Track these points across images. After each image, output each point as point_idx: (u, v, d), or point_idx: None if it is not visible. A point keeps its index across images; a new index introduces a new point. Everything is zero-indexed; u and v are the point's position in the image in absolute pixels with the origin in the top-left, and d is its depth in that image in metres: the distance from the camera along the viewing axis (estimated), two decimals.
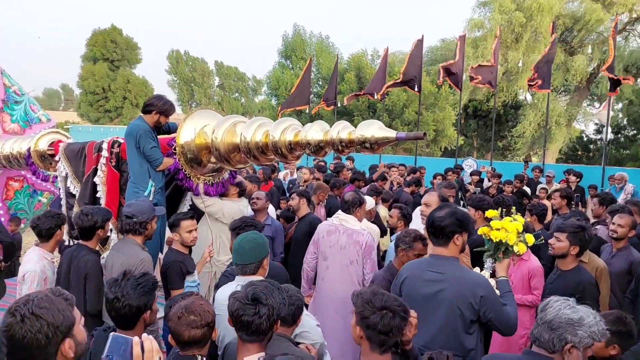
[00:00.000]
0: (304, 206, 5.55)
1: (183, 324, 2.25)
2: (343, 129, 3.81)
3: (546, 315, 2.23)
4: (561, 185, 10.63)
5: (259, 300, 2.20)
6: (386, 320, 2.22)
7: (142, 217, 3.70)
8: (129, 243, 3.71)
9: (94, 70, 39.15)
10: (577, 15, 23.75)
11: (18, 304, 1.71)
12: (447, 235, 2.93)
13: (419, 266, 3.08)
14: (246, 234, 3.07)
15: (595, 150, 27.92)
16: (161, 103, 4.50)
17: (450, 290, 2.85)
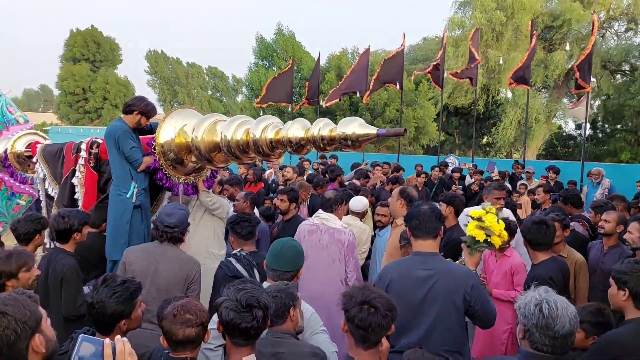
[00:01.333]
0: (292, 208, 5.56)
1: (178, 322, 2.24)
2: (324, 126, 3.80)
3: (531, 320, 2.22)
4: (541, 181, 10.79)
5: (253, 305, 2.17)
6: (364, 314, 2.22)
7: (182, 226, 3.66)
8: (170, 247, 3.63)
9: (73, 71, 38.62)
10: (557, 13, 24.08)
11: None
12: (435, 228, 3.04)
13: (405, 265, 3.10)
14: (287, 240, 3.13)
15: (575, 146, 28.34)
16: (143, 104, 4.46)
17: (442, 284, 2.89)
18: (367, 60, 15.33)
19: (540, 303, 2.19)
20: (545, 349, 2.18)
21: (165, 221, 3.64)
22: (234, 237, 3.97)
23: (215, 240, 4.93)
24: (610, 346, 2.62)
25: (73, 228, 3.72)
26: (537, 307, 2.19)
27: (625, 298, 2.63)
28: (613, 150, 24.66)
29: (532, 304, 2.21)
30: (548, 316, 2.15)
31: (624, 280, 2.64)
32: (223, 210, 4.94)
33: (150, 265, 3.52)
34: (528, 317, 2.20)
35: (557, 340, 2.16)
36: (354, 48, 30.80)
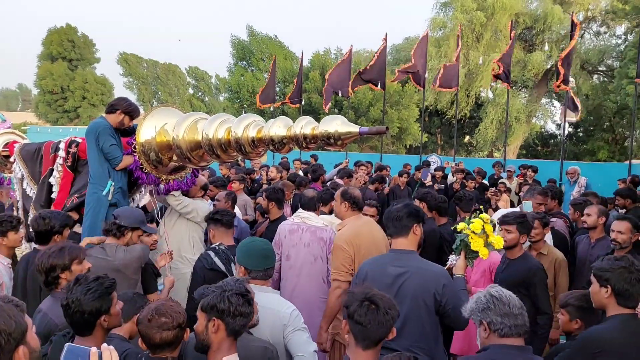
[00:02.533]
0: (274, 209, 5.42)
1: (154, 326, 2.22)
2: (306, 124, 3.79)
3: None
4: (518, 180, 10.93)
5: (248, 291, 2.30)
6: (363, 310, 2.22)
7: (126, 221, 3.64)
8: (113, 247, 3.63)
9: (51, 70, 37.99)
10: (536, 14, 24.41)
11: None
12: (406, 225, 3.06)
13: (380, 262, 3.13)
14: (253, 239, 3.15)
15: (554, 145, 28.75)
16: (126, 104, 4.44)
17: (413, 281, 2.91)
18: (349, 61, 15.38)
19: (488, 292, 2.36)
20: (510, 331, 2.29)
21: (114, 212, 3.78)
22: (214, 227, 3.95)
23: (189, 244, 4.83)
24: (592, 342, 2.63)
25: (54, 230, 3.65)
26: (486, 296, 2.34)
27: (607, 295, 2.66)
28: (591, 149, 25.09)
29: (481, 295, 2.36)
30: (499, 297, 2.31)
31: (605, 277, 2.66)
32: (197, 214, 4.80)
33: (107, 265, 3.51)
34: (484, 309, 2.33)
35: (517, 318, 2.30)
36: (337, 48, 30.88)
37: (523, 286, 3.72)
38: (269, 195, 5.36)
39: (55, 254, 2.94)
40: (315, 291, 4.20)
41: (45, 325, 2.75)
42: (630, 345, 2.55)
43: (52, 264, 2.91)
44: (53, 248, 3.01)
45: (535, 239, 4.31)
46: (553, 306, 4.21)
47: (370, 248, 3.83)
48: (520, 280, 3.75)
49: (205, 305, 2.24)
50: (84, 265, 3.03)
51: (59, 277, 2.94)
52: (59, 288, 2.94)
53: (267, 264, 2.94)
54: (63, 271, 2.94)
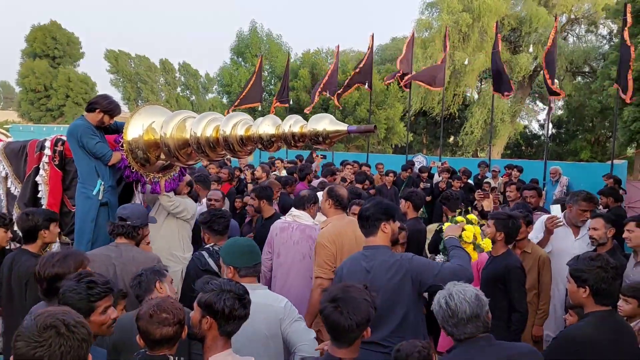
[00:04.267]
0: (266, 206, 5.43)
1: (155, 322, 2.23)
2: (295, 123, 3.81)
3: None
4: (504, 179, 11.06)
5: (247, 294, 2.35)
6: (328, 311, 2.25)
7: (136, 221, 3.60)
8: (129, 248, 3.57)
9: (34, 67, 37.45)
10: (521, 16, 24.68)
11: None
12: (373, 223, 3.13)
13: (355, 259, 3.21)
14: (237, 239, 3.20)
15: (538, 146, 29.10)
16: (106, 102, 4.36)
17: (379, 274, 2.99)
18: (337, 61, 15.43)
19: (444, 300, 2.33)
20: (466, 336, 2.31)
21: (119, 213, 3.66)
22: (209, 234, 3.96)
23: (179, 242, 4.84)
24: (570, 340, 2.68)
25: (38, 225, 3.61)
26: (441, 307, 2.33)
27: (585, 295, 2.70)
28: (574, 149, 25.43)
29: (442, 302, 2.34)
30: (449, 307, 2.30)
31: (583, 278, 2.69)
32: (187, 212, 4.83)
33: (108, 269, 3.44)
34: (441, 320, 2.34)
35: (468, 324, 2.29)
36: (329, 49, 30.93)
37: (502, 282, 3.83)
38: (259, 194, 5.38)
39: (60, 263, 2.78)
40: (304, 288, 4.22)
41: None
42: (607, 341, 2.60)
43: (57, 272, 2.73)
44: (56, 256, 2.84)
45: (519, 237, 4.37)
46: (537, 303, 4.29)
47: (353, 247, 3.86)
48: (499, 276, 3.85)
49: (201, 302, 2.28)
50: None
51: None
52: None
53: (254, 259, 2.98)
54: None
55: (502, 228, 3.93)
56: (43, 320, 1.52)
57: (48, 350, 1.47)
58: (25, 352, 1.47)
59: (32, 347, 1.47)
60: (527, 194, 6.02)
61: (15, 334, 1.53)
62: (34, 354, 1.47)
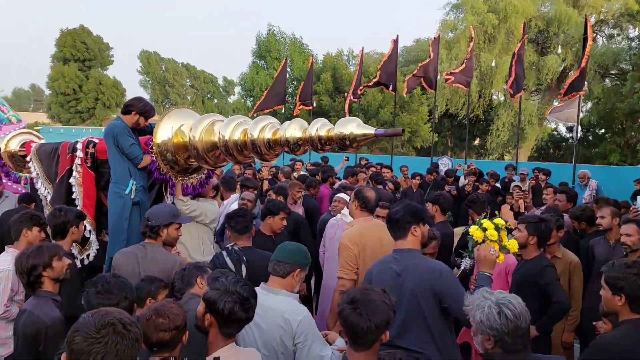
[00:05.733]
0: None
1: (151, 326, 2.25)
2: (322, 126, 3.81)
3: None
4: (530, 182, 10.89)
5: (252, 297, 2.38)
6: (347, 312, 2.22)
7: (155, 221, 3.65)
8: (155, 248, 3.64)
9: (63, 71, 38.32)
10: (549, 17, 24.26)
11: None
12: (403, 227, 3.09)
13: (384, 262, 3.18)
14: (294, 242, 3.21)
15: (566, 148, 28.56)
16: (141, 104, 4.47)
17: (410, 278, 2.94)
18: (361, 63, 15.43)
19: (500, 309, 2.20)
20: (518, 347, 2.21)
21: (145, 214, 3.75)
22: (229, 230, 4.03)
23: (199, 246, 4.87)
24: (604, 348, 2.63)
25: (69, 222, 3.74)
26: (501, 315, 2.18)
27: (621, 303, 2.64)
28: (603, 152, 24.88)
29: (494, 313, 2.19)
30: (514, 319, 2.17)
31: (619, 286, 2.63)
32: (206, 216, 4.84)
33: (134, 267, 3.53)
34: (497, 328, 2.18)
35: (526, 333, 2.23)
36: (350, 50, 30.90)
37: (535, 286, 3.75)
38: (278, 191, 5.63)
39: (35, 254, 2.97)
40: None
41: (32, 324, 2.79)
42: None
43: (33, 263, 2.93)
44: (31, 249, 3.02)
45: (550, 242, 4.30)
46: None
47: (376, 249, 3.86)
48: (532, 278, 3.78)
49: (205, 297, 2.35)
50: (63, 261, 3.07)
51: (42, 275, 2.96)
52: (42, 287, 2.97)
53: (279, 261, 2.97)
54: (45, 269, 2.96)
55: (534, 232, 3.87)
56: (101, 318, 1.57)
57: (105, 347, 1.52)
58: (83, 347, 1.52)
59: (89, 342, 1.52)
60: (557, 197, 5.94)
61: (72, 329, 1.58)
62: (90, 349, 1.51)
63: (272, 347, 2.75)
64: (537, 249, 3.91)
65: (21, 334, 2.81)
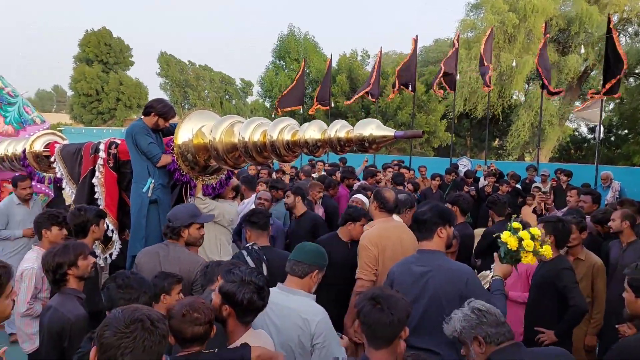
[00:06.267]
0: (300, 204, 5.57)
1: (187, 321, 2.29)
2: (341, 128, 3.80)
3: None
4: (551, 183, 10.75)
5: (266, 285, 2.46)
6: (367, 309, 2.24)
7: (176, 222, 3.69)
8: (178, 249, 3.68)
9: (86, 72, 38.94)
10: (571, 16, 23.90)
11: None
12: (430, 228, 3.05)
13: (406, 262, 3.15)
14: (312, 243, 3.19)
15: (588, 149, 28.12)
16: (160, 106, 4.53)
17: (435, 280, 2.92)
18: (379, 64, 15.40)
19: (473, 307, 2.36)
20: (505, 337, 2.29)
21: (168, 216, 3.80)
22: (250, 229, 3.97)
23: (216, 247, 4.89)
24: (626, 352, 2.58)
25: (90, 221, 3.81)
26: (474, 311, 2.34)
27: None
28: (626, 153, 24.44)
29: (468, 314, 2.34)
30: (487, 310, 2.33)
31: None
32: (224, 217, 4.86)
33: (155, 267, 3.56)
34: (477, 324, 2.31)
35: (505, 324, 2.32)
36: (364, 50, 30.84)
37: (553, 288, 3.72)
38: (295, 191, 5.57)
39: (61, 252, 3.04)
40: None
41: (57, 320, 2.85)
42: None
43: (58, 261, 3.00)
44: (57, 247, 3.09)
45: (572, 244, 4.24)
46: (590, 312, 4.16)
47: (396, 250, 3.84)
48: (550, 280, 3.75)
49: (222, 290, 2.41)
50: (89, 260, 3.14)
51: (67, 273, 3.03)
52: (67, 285, 3.04)
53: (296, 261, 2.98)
54: (70, 267, 3.03)
55: (552, 231, 3.84)
56: (130, 314, 1.62)
57: (133, 342, 1.56)
58: (112, 341, 1.56)
59: (118, 337, 1.56)
60: (581, 198, 5.86)
61: (102, 324, 1.62)
62: (119, 344, 1.55)
63: (289, 347, 2.76)
64: (556, 250, 3.86)
65: (46, 330, 2.87)
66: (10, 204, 5.84)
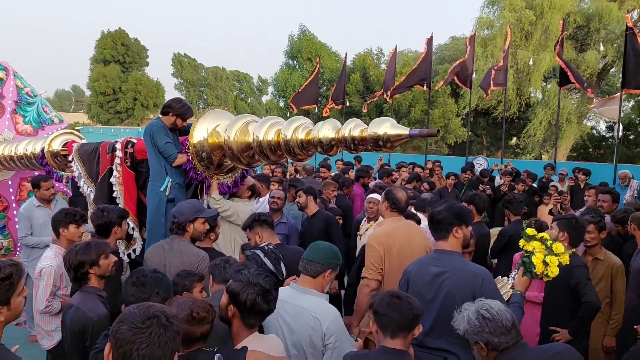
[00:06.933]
0: (312, 203, 5.55)
1: (196, 322, 2.30)
2: (355, 127, 3.80)
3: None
4: (569, 182, 10.61)
5: (274, 289, 2.44)
6: (385, 302, 2.38)
7: (181, 217, 3.76)
8: (182, 242, 3.76)
9: (104, 72, 39.41)
10: (589, 13, 23.54)
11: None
12: (445, 228, 3.02)
13: (423, 262, 3.13)
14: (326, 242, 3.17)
15: (606, 148, 27.70)
16: (178, 106, 4.57)
17: (451, 281, 2.90)
18: (394, 62, 15.32)
19: (477, 312, 2.34)
20: (508, 344, 2.29)
21: (173, 212, 3.87)
22: (261, 229, 3.92)
23: (230, 245, 4.93)
24: None
25: (112, 222, 3.86)
26: (478, 317, 2.32)
27: None
28: None
29: (472, 319, 2.34)
30: (491, 317, 2.30)
31: None
32: (238, 216, 4.87)
33: (161, 260, 3.67)
34: (479, 331, 2.31)
35: (511, 332, 2.30)
36: (378, 49, 30.73)
37: (566, 286, 3.68)
38: (308, 190, 5.56)
39: (82, 251, 3.05)
40: None
41: (80, 319, 2.87)
42: None
43: (80, 260, 3.02)
44: (79, 246, 3.11)
45: (591, 244, 4.19)
46: (609, 313, 4.10)
47: (404, 250, 3.82)
48: (562, 280, 3.67)
49: (229, 289, 2.43)
50: (110, 259, 3.16)
51: (88, 272, 3.05)
52: (88, 283, 3.06)
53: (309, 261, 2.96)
54: (92, 266, 3.05)
55: (565, 227, 3.81)
56: (146, 310, 1.65)
57: (149, 337, 1.58)
58: (128, 336, 1.58)
59: (134, 332, 1.58)
60: (600, 197, 5.77)
61: (118, 319, 1.65)
62: (135, 339, 1.57)
63: (301, 346, 2.76)
64: (569, 247, 3.80)
65: (69, 329, 2.90)
66: (30, 207, 5.75)
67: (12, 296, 2.20)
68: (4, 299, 2.17)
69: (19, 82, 7.19)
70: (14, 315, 2.27)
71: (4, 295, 2.16)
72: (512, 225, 5.45)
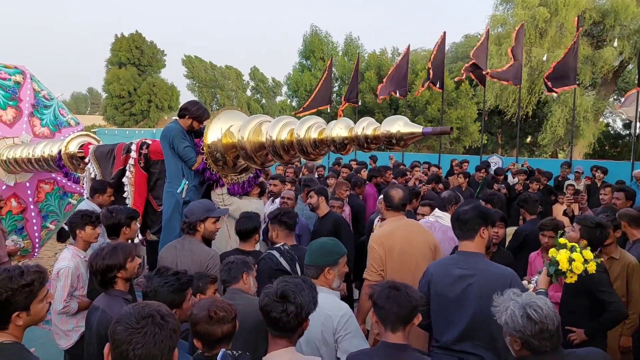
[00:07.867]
0: (323, 204, 5.55)
1: (215, 322, 2.31)
2: (368, 125, 3.80)
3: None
4: (586, 181, 10.46)
5: (287, 298, 2.25)
6: (384, 294, 2.38)
7: (192, 217, 3.81)
8: (192, 242, 3.81)
9: (119, 75, 39.78)
10: (605, 9, 23.23)
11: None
12: (472, 227, 2.97)
13: (446, 264, 3.09)
14: (322, 238, 3.15)
15: (623, 145, 27.30)
16: (195, 108, 4.62)
17: (478, 284, 2.86)
18: (407, 60, 15.27)
19: (524, 311, 2.18)
20: (546, 349, 2.18)
21: (184, 212, 3.92)
22: (279, 229, 3.95)
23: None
24: None
25: (121, 222, 3.91)
26: (524, 317, 2.17)
27: None
28: None
29: (517, 315, 2.19)
30: (538, 320, 2.15)
31: None
32: (239, 211, 4.88)
33: (173, 259, 3.71)
34: (520, 330, 2.18)
35: (554, 336, 2.18)
36: (394, 48, 30.63)
37: (584, 290, 3.63)
38: (319, 191, 5.56)
39: (109, 255, 2.98)
40: None
41: (106, 323, 2.83)
42: None
43: (108, 264, 2.95)
44: (105, 249, 3.05)
45: (606, 242, 4.13)
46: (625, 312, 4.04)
47: (405, 250, 3.79)
48: (580, 283, 3.63)
49: (260, 305, 2.34)
50: (135, 261, 3.13)
51: (116, 276, 2.99)
52: (115, 287, 3.01)
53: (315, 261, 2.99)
54: (119, 270, 2.99)
55: (587, 235, 3.72)
56: (141, 310, 1.67)
57: (144, 337, 1.60)
58: (124, 337, 1.61)
59: (129, 332, 1.61)
60: (615, 195, 5.71)
61: (115, 320, 1.67)
62: (130, 339, 1.60)
63: (314, 344, 2.77)
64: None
65: (95, 333, 2.87)
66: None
67: (32, 302, 2.21)
68: (23, 305, 2.19)
69: (35, 85, 7.29)
70: (34, 321, 2.28)
71: (23, 301, 2.18)
72: (527, 225, 5.39)
